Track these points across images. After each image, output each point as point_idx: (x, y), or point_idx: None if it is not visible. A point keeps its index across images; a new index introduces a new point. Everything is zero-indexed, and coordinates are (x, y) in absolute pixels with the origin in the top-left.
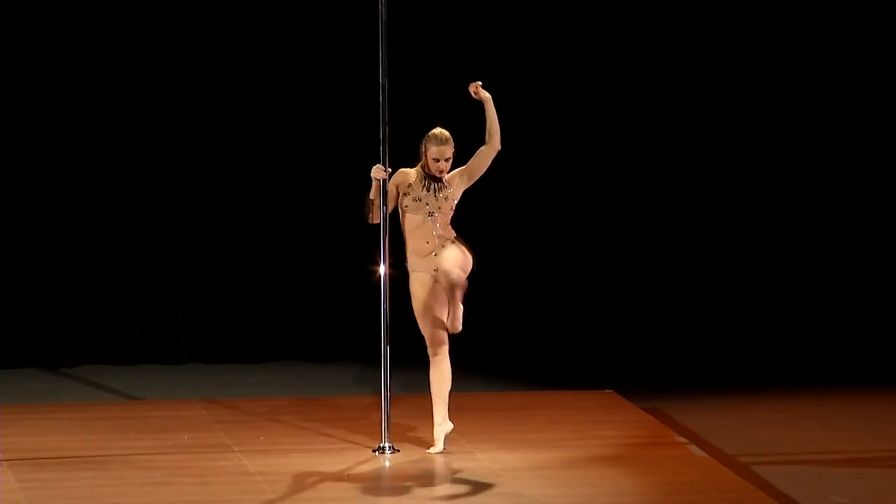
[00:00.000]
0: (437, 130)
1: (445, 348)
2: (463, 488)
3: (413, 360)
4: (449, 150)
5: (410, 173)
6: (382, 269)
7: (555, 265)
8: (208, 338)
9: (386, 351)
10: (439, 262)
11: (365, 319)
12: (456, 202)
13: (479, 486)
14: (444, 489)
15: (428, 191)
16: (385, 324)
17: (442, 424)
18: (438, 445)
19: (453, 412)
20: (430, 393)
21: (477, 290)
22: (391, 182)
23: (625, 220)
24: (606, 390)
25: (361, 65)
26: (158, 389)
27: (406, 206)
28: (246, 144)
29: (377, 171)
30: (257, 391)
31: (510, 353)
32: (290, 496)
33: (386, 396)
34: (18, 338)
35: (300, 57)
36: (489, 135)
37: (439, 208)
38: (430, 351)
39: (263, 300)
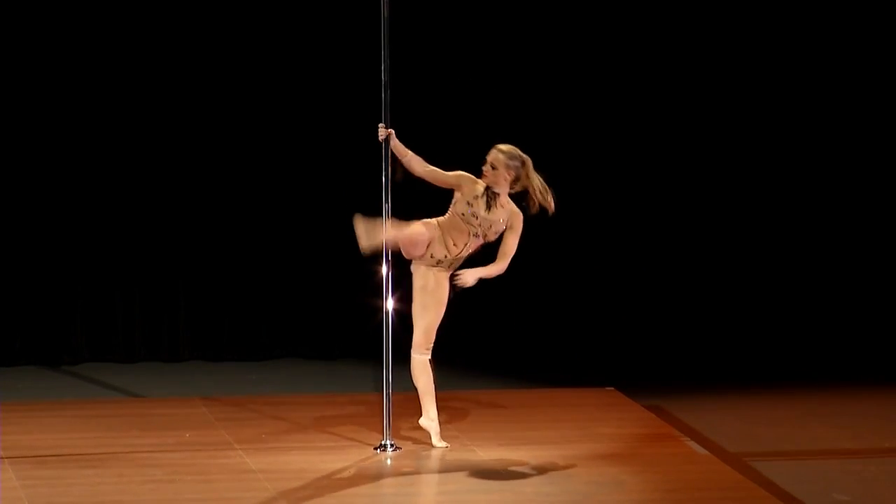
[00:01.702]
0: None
1: None
2: (464, 486)
3: None
4: None
5: (478, 186)
6: (384, 269)
7: (556, 263)
8: (210, 335)
9: (388, 348)
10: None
11: (367, 317)
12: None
13: (480, 484)
14: (446, 487)
15: (487, 211)
16: (387, 321)
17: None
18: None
19: (457, 409)
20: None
21: (480, 289)
22: (456, 178)
23: (627, 218)
24: (608, 388)
25: (364, 62)
26: (160, 387)
27: (462, 214)
28: (247, 142)
29: (381, 131)
30: (259, 389)
31: (512, 350)
32: (291, 494)
33: (387, 394)
34: (20, 336)
35: (302, 55)
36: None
37: (485, 235)
38: (426, 348)
39: (265, 298)
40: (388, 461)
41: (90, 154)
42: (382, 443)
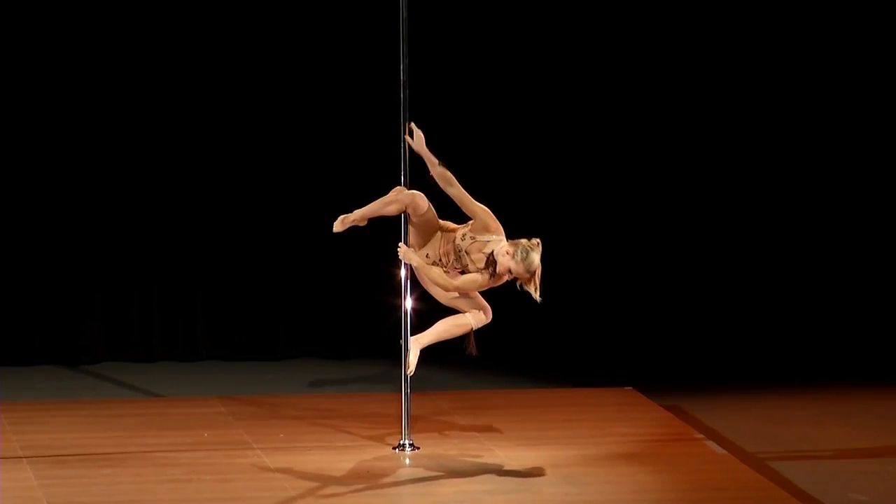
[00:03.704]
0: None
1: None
2: (482, 486)
3: (432, 357)
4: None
5: (492, 244)
6: (403, 271)
7: (573, 263)
8: (227, 335)
9: (405, 347)
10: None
11: (384, 316)
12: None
13: (498, 484)
14: (464, 486)
15: (455, 260)
16: (405, 320)
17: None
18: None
19: (472, 409)
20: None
21: (495, 290)
22: (483, 211)
23: (644, 218)
24: (626, 388)
25: (382, 62)
26: (177, 386)
27: (456, 244)
28: (265, 142)
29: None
30: (276, 388)
31: (530, 350)
32: (309, 493)
33: (406, 393)
34: (38, 335)
35: (321, 55)
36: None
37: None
38: None
39: (282, 297)
40: (407, 461)
41: (108, 154)
42: (401, 442)
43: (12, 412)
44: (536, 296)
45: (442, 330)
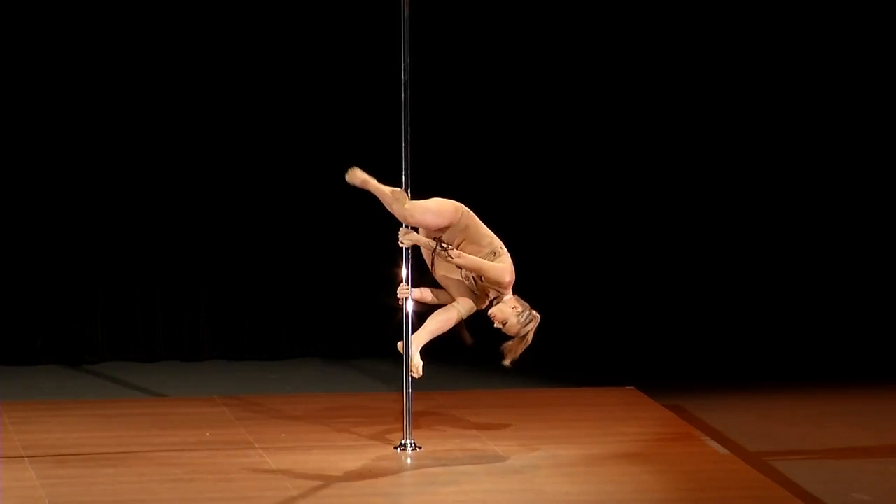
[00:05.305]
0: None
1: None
2: (485, 485)
3: (436, 357)
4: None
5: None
6: (405, 271)
7: (575, 262)
8: (230, 334)
9: (408, 348)
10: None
11: (386, 316)
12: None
13: (501, 483)
14: (466, 486)
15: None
16: (407, 321)
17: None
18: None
19: (477, 408)
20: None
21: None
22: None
23: (645, 216)
24: (628, 387)
25: (383, 62)
26: (180, 386)
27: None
28: (268, 142)
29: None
30: (279, 388)
31: (532, 350)
32: (311, 493)
33: (408, 393)
34: (41, 335)
35: (322, 55)
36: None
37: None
38: None
39: (285, 297)
40: (409, 460)
41: (111, 153)
42: (403, 442)
43: (14, 411)
44: (508, 360)
45: (434, 328)
